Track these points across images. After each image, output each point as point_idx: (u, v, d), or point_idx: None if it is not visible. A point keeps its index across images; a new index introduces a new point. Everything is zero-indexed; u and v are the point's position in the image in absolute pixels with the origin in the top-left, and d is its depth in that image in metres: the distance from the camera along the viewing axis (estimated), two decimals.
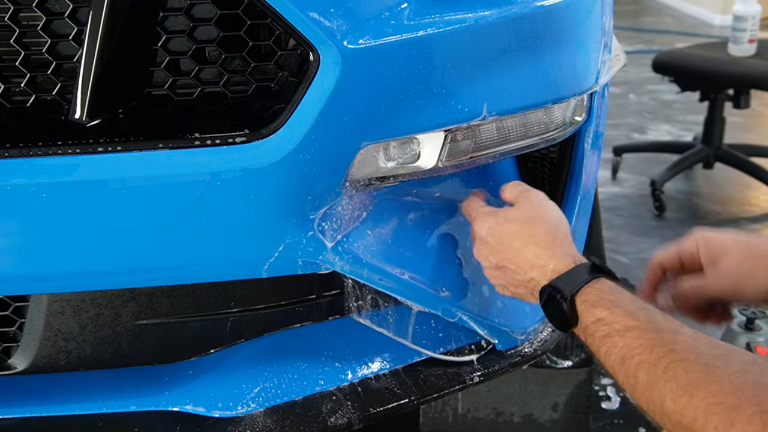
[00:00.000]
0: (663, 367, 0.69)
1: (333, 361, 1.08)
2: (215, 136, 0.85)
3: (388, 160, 0.95)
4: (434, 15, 0.92)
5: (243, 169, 0.85)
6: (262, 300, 1.05)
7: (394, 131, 0.92)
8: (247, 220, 0.88)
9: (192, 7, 0.87)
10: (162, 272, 0.93)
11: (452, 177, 1.11)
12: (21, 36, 0.86)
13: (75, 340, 1.01)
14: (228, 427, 1.01)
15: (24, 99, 0.88)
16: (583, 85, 1.10)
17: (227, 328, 1.05)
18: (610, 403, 1.84)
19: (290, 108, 0.85)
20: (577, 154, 1.22)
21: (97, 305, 1.00)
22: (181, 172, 0.84)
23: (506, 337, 1.14)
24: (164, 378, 1.04)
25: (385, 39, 0.87)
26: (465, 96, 0.94)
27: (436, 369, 1.11)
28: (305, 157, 0.86)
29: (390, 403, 1.06)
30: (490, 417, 1.65)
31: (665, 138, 3.93)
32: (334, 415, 1.03)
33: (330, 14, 0.84)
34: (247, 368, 1.05)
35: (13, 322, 1.01)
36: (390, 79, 0.88)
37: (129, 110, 0.88)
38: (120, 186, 0.84)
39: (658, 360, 0.70)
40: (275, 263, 0.93)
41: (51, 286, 0.95)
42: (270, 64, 0.90)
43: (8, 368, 1.02)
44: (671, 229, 2.91)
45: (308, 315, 1.08)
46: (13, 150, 0.82)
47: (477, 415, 1.66)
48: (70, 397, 1.02)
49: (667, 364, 0.68)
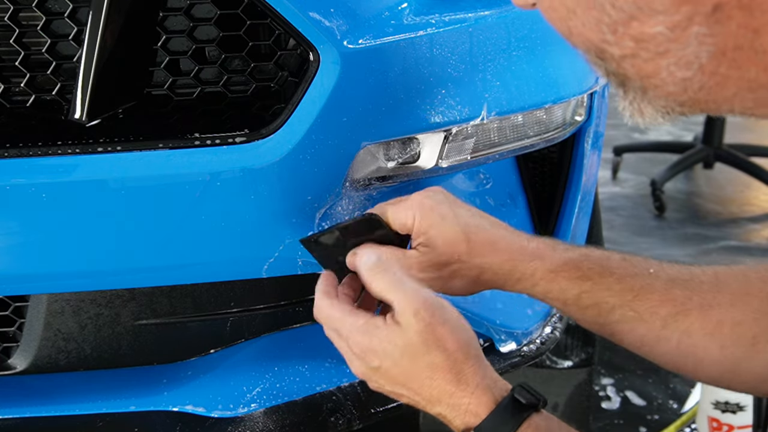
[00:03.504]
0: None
1: (333, 361, 1.08)
2: (215, 136, 0.85)
3: (388, 160, 0.95)
4: (434, 15, 0.92)
5: (243, 169, 0.85)
6: (262, 300, 1.05)
7: (394, 131, 0.92)
8: (246, 219, 0.88)
9: (192, 7, 0.87)
10: (162, 272, 0.93)
11: (452, 177, 1.11)
12: (21, 36, 0.86)
13: (75, 340, 1.01)
14: (228, 427, 1.01)
15: (24, 99, 0.88)
16: (583, 85, 1.10)
17: (227, 328, 1.05)
18: (610, 403, 1.84)
19: (290, 108, 0.85)
20: (577, 154, 1.22)
21: (97, 305, 1.00)
22: (180, 172, 0.84)
23: (506, 337, 1.14)
24: (164, 378, 1.04)
25: (385, 39, 0.87)
26: (465, 96, 0.94)
27: None
28: (305, 157, 0.86)
29: (390, 403, 1.06)
30: None
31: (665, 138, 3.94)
32: (334, 415, 1.03)
33: (330, 14, 0.84)
34: (247, 368, 1.05)
35: (13, 322, 1.01)
36: (390, 79, 0.88)
37: (129, 110, 0.88)
38: (120, 186, 0.84)
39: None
40: (275, 263, 0.93)
41: (51, 286, 0.95)
42: (270, 64, 0.90)
43: (8, 368, 1.02)
44: (671, 229, 2.91)
45: (308, 315, 1.08)
46: (13, 150, 0.82)
47: None
48: (70, 397, 1.02)
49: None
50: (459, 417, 0.69)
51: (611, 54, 0.50)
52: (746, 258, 2.66)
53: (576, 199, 1.21)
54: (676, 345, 0.78)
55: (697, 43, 0.46)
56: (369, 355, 0.71)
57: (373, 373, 0.72)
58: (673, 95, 0.50)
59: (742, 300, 0.75)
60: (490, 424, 0.67)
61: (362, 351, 0.72)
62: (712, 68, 0.46)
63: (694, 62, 0.47)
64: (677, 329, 0.78)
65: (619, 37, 0.48)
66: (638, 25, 0.47)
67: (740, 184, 3.29)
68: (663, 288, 0.79)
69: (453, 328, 0.70)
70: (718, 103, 0.49)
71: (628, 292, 0.79)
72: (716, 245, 2.76)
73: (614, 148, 3.39)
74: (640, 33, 0.47)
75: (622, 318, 0.80)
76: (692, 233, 2.86)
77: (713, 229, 2.90)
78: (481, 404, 0.68)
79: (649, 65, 0.48)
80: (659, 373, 1.93)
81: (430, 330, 0.69)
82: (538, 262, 0.81)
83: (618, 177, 3.36)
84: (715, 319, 0.76)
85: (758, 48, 0.44)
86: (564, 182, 1.22)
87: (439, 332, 0.69)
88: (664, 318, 0.78)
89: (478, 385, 0.69)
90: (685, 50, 0.46)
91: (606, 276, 0.80)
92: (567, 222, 1.23)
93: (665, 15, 0.45)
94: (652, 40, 0.47)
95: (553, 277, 0.80)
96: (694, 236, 2.83)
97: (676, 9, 0.45)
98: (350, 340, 0.73)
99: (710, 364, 0.78)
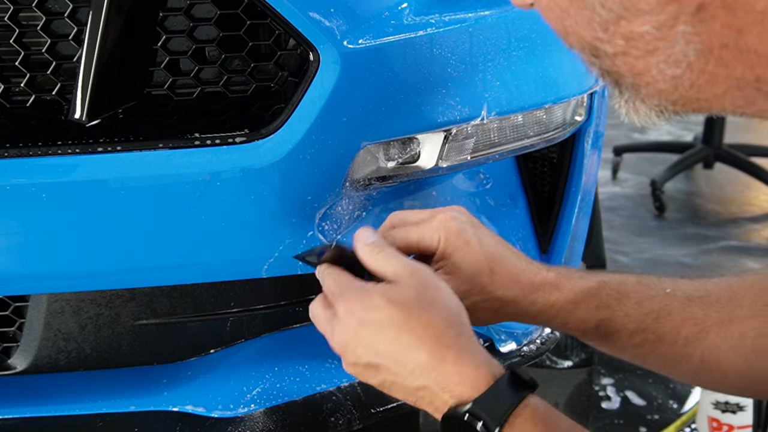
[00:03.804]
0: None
1: (333, 361, 1.08)
2: (215, 136, 0.85)
3: (388, 160, 0.95)
4: (434, 15, 0.92)
5: (243, 169, 0.85)
6: (262, 300, 1.05)
7: (394, 131, 0.92)
8: (246, 219, 0.88)
9: (192, 7, 0.87)
10: (162, 272, 0.93)
11: (452, 177, 1.11)
12: (21, 36, 0.86)
13: (75, 340, 1.01)
14: (228, 427, 1.01)
15: (24, 99, 0.88)
16: (583, 84, 1.10)
17: (227, 328, 1.05)
18: (610, 403, 1.84)
19: (290, 108, 0.85)
20: (577, 154, 1.22)
21: (97, 305, 1.00)
22: (180, 172, 0.84)
23: (506, 337, 1.14)
24: (164, 378, 1.04)
25: (385, 39, 0.87)
26: (465, 96, 0.94)
27: None
28: (305, 157, 0.86)
29: (390, 403, 1.06)
30: None
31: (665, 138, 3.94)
32: (334, 415, 1.03)
33: (330, 14, 0.84)
34: (247, 368, 1.05)
35: (13, 322, 1.01)
36: (390, 79, 0.88)
37: (129, 110, 0.88)
38: (120, 186, 0.84)
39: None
40: (275, 263, 0.93)
41: (51, 286, 0.95)
42: (270, 64, 0.90)
43: (8, 368, 1.02)
44: (671, 229, 2.91)
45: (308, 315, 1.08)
46: (13, 150, 0.82)
47: None
48: (70, 397, 1.02)
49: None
50: (448, 389, 0.63)
51: (605, 51, 0.51)
52: (746, 258, 2.66)
53: (576, 199, 1.21)
54: (699, 362, 0.77)
55: (684, 41, 0.46)
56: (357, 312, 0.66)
57: (354, 339, 0.66)
58: (665, 93, 0.50)
59: (761, 311, 0.75)
60: (488, 399, 0.62)
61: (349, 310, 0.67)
62: (701, 66, 0.47)
63: (683, 60, 0.48)
64: (699, 347, 0.77)
65: (611, 35, 0.49)
66: (627, 24, 0.48)
67: (740, 184, 3.29)
68: (681, 307, 0.78)
69: (447, 293, 0.67)
70: (709, 101, 0.50)
71: (647, 316, 0.78)
72: (716, 245, 2.76)
73: (614, 148, 3.39)
74: (629, 32, 0.48)
75: (644, 341, 0.79)
76: (692, 233, 2.86)
77: (713, 229, 2.90)
78: (479, 377, 0.63)
79: (640, 62, 0.49)
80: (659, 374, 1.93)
81: (425, 287, 0.66)
82: (557, 294, 0.78)
83: (618, 177, 3.36)
84: (736, 333, 0.76)
85: (743, 47, 0.45)
86: (564, 182, 1.22)
87: (433, 292, 0.66)
88: (686, 337, 0.77)
89: (474, 356, 0.64)
90: (673, 48, 0.47)
91: (624, 302, 0.79)
92: (567, 222, 1.23)
93: (651, 15, 0.46)
94: (640, 38, 0.48)
95: (572, 308, 0.79)
96: (694, 236, 2.83)
97: (662, 9, 0.46)
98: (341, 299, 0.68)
99: (735, 377, 0.77)
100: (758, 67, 0.46)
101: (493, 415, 0.61)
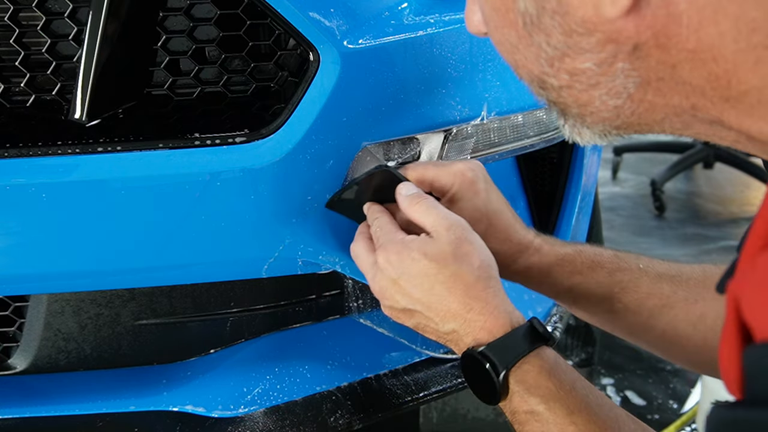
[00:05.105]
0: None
1: (333, 362, 1.08)
2: (215, 136, 0.85)
3: (388, 160, 0.95)
4: (434, 15, 0.92)
5: (243, 169, 0.85)
6: (262, 300, 1.05)
7: (394, 131, 0.92)
8: (246, 219, 0.88)
9: (192, 7, 0.87)
10: (162, 272, 0.93)
11: None
12: (21, 36, 0.85)
13: (75, 340, 1.01)
14: (228, 427, 1.01)
15: (24, 99, 0.88)
16: None
17: (227, 328, 1.05)
18: None
19: (290, 108, 0.85)
20: (577, 154, 1.22)
21: (97, 305, 1.00)
22: (180, 172, 0.84)
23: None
24: (164, 378, 1.04)
25: (385, 39, 0.87)
26: (465, 96, 0.94)
27: (436, 369, 1.11)
28: (305, 157, 0.86)
29: (390, 403, 1.06)
30: (490, 417, 1.65)
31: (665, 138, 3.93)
32: (334, 415, 1.03)
33: (330, 14, 0.84)
34: (247, 368, 1.05)
35: (13, 322, 1.01)
36: (390, 79, 0.88)
37: (129, 110, 0.88)
38: (120, 186, 0.84)
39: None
40: (275, 263, 0.93)
41: (51, 286, 0.95)
42: (270, 63, 0.90)
43: (8, 368, 1.02)
44: (671, 229, 2.91)
45: (308, 315, 1.08)
46: (13, 150, 0.82)
47: (477, 415, 1.66)
48: (70, 397, 1.02)
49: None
50: (471, 334, 0.73)
51: (551, 84, 0.55)
52: None
53: (576, 199, 1.21)
54: (661, 333, 0.84)
55: (624, 75, 0.50)
56: (396, 264, 0.75)
57: (392, 287, 0.75)
58: (608, 120, 0.55)
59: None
60: (501, 344, 0.71)
61: (389, 261, 0.75)
62: (640, 96, 0.51)
63: (623, 92, 0.51)
64: (662, 320, 0.83)
65: (556, 70, 0.53)
66: (570, 60, 0.52)
67: (740, 184, 3.29)
68: (650, 282, 0.84)
69: (479, 248, 0.75)
70: (650, 125, 0.54)
71: (616, 285, 0.85)
72: (716, 245, 2.76)
73: (614, 148, 3.39)
74: (573, 68, 0.52)
75: (611, 309, 0.86)
76: (692, 233, 2.86)
77: (713, 229, 2.90)
78: (497, 325, 0.72)
79: (584, 95, 0.53)
80: (659, 373, 1.93)
81: (460, 243, 0.74)
82: (537, 257, 0.87)
83: (618, 177, 3.37)
84: (699, 311, 0.82)
85: (678, 80, 0.49)
86: (564, 182, 1.22)
87: (467, 248, 0.74)
88: (650, 310, 0.84)
89: (497, 307, 0.73)
90: (614, 82, 0.51)
91: (597, 270, 0.86)
92: (567, 222, 1.23)
93: (592, 53, 0.50)
94: (583, 74, 0.52)
95: (548, 271, 0.86)
96: (694, 236, 2.84)
97: (602, 48, 0.49)
98: (382, 249, 0.77)
99: (694, 352, 0.83)
100: (693, 97, 0.49)
101: (502, 359, 0.70)
